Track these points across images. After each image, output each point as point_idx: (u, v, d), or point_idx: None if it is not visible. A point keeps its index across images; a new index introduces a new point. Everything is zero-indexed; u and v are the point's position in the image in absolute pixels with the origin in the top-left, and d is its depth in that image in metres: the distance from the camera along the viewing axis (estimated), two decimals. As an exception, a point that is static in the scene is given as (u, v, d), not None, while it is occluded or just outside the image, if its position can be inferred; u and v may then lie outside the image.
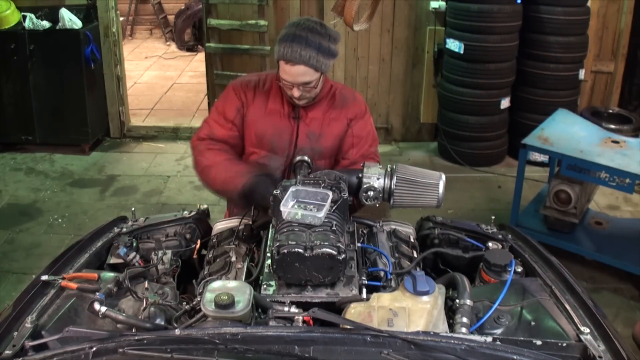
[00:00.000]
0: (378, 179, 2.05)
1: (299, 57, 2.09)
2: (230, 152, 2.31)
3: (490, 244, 2.13)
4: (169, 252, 2.11)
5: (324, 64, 2.15)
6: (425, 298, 1.62)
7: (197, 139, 2.35)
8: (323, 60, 2.13)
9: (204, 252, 2.20)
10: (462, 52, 4.95)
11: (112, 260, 2.09)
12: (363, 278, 1.82)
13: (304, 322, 1.59)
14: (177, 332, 1.45)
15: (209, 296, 1.54)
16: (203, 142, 2.32)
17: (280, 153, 2.31)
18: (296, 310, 1.63)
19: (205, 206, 2.40)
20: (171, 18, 9.33)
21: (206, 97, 5.81)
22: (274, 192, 1.93)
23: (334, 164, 2.39)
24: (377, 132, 2.49)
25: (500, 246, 2.13)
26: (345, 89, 2.43)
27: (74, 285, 1.80)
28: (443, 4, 5.23)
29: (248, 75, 2.42)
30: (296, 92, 2.17)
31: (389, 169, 2.07)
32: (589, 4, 4.97)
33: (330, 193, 1.88)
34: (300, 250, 1.68)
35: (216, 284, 1.60)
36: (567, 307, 1.73)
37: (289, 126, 2.30)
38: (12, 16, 5.11)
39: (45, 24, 5.19)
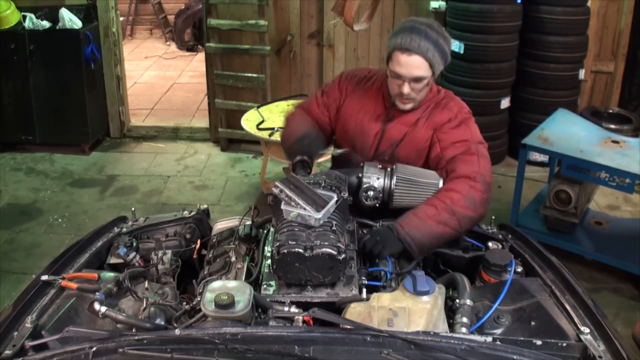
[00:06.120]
0: (378, 178, 2.05)
1: (417, 47, 2.03)
2: (315, 126, 2.38)
3: (490, 244, 2.13)
4: (169, 252, 2.11)
5: (438, 63, 2.09)
6: (425, 298, 1.62)
7: (296, 106, 2.52)
8: (438, 59, 2.08)
9: (204, 252, 2.20)
10: (462, 52, 4.94)
11: (112, 260, 2.10)
12: (363, 278, 1.82)
13: (304, 322, 1.59)
14: (177, 332, 1.45)
15: (209, 296, 1.54)
16: (298, 108, 2.49)
17: (360, 153, 2.27)
18: (296, 310, 1.63)
19: (205, 206, 2.40)
20: (171, 18, 9.32)
21: (206, 97, 5.80)
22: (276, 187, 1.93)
23: None
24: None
25: (500, 246, 2.12)
26: (448, 93, 2.27)
27: (74, 285, 1.80)
28: (443, 4, 5.22)
29: (360, 69, 2.54)
30: (406, 88, 2.08)
31: (388, 169, 2.07)
32: (589, 4, 4.96)
33: (334, 195, 1.88)
34: (300, 250, 1.69)
35: (216, 284, 1.60)
36: (567, 307, 1.73)
37: (375, 128, 2.24)
38: (12, 16, 5.10)
39: (45, 24, 5.19)
